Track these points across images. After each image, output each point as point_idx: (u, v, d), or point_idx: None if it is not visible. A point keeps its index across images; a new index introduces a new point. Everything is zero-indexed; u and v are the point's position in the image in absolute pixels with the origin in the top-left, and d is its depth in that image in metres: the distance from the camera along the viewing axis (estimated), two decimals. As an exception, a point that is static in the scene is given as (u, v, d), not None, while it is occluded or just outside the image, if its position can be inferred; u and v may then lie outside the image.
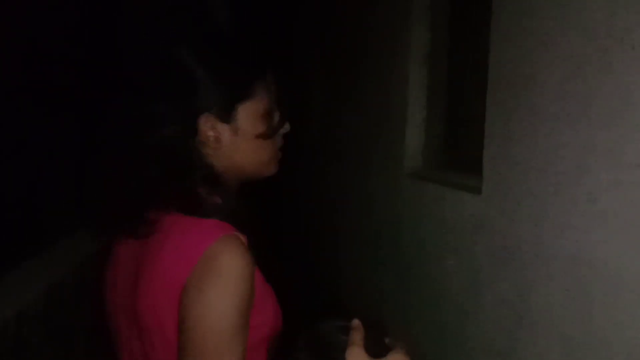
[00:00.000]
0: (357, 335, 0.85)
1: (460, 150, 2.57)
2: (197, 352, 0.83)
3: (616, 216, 1.43)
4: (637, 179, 1.38)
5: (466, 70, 2.52)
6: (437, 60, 2.68)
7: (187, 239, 0.89)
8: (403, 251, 2.70)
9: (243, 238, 0.90)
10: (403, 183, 2.74)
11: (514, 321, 1.84)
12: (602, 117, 1.48)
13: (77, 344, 2.31)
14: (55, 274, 2.20)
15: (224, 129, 0.94)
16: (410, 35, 2.67)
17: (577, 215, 1.56)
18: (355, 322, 0.87)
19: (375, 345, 0.85)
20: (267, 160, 1.00)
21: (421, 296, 2.50)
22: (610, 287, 1.45)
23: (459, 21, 2.57)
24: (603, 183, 1.47)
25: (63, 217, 2.98)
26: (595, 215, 1.50)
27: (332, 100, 3.88)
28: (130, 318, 0.96)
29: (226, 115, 0.94)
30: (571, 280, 1.59)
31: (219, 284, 0.85)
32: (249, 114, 0.95)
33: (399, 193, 2.77)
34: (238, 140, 0.95)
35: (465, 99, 2.53)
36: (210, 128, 0.93)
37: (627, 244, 1.40)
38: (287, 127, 1.02)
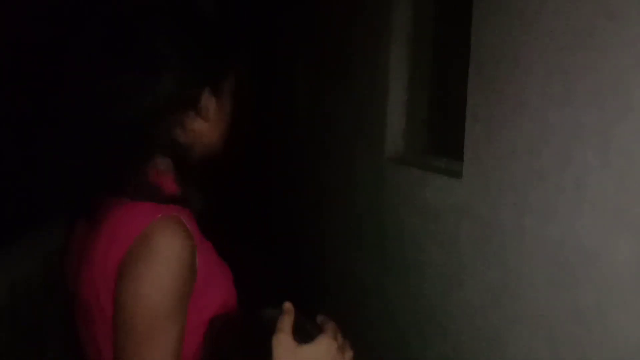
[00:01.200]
0: (286, 321, 0.81)
1: (443, 134, 2.51)
2: (130, 333, 0.82)
3: (603, 202, 1.39)
4: (625, 163, 1.33)
5: (449, 53, 2.45)
6: (419, 42, 2.60)
7: (125, 221, 0.86)
8: (385, 235, 2.65)
9: (187, 219, 0.87)
10: (385, 167, 2.68)
11: (497, 307, 1.81)
12: (589, 99, 1.42)
13: (49, 338, 2.24)
14: (22, 267, 2.11)
15: (212, 103, 0.91)
16: (392, 18, 2.59)
17: (563, 201, 1.51)
18: (287, 305, 0.83)
19: (303, 330, 0.82)
20: (224, 138, 0.97)
21: (403, 281, 2.45)
22: (597, 274, 1.41)
23: (442, 3, 2.49)
24: (590, 168, 1.42)
25: (31, 208, 2.89)
26: (581, 201, 1.45)
27: (316, 87, 3.79)
28: (79, 303, 0.96)
29: (218, 90, 0.92)
30: (556, 267, 1.55)
31: (151, 263, 0.82)
32: (228, 90, 0.94)
33: (381, 178, 2.71)
34: (218, 116, 0.93)
35: (448, 82, 2.47)
36: (207, 101, 0.91)
37: (614, 230, 1.35)
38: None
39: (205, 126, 0.91)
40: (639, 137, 1.29)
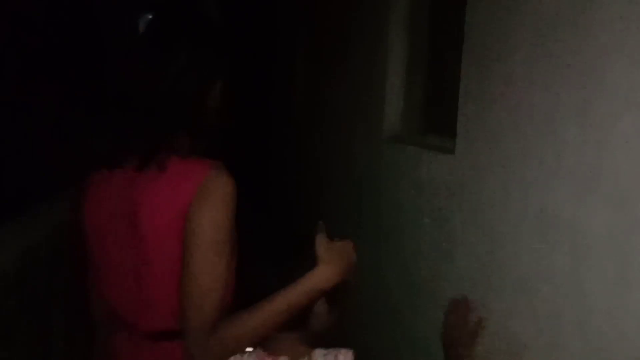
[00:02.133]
0: (322, 226, 1.20)
1: (439, 114, 2.60)
2: (204, 253, 1.09)
3: (580, 174, 1.48)
4: (602, 136, 1.42)
5: (445, 36, 2.54)
6: (417, 25, 2.68)
7: (185, 173, 1.13)
8: (382, 213, 2.76)
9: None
10: (383, 147, 2.78)
11: (484, 277, 1.91)
12: (571, 77, 1.51)
13: (56, 307, 2.33)
14: (32, 236, 2.19)
15: (220, 89, 1.22)
16: (391, 2, 2.67)
17: (544, 173, 1.60)
18: (320, 222, 1.22)
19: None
20: (221, 116, 1.28)
21: (398, 256, 2.56)
22: (576, 243, 1.51)
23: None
24: (569, 142, 1.52)
25: (40, 180, 2.99)
26: (561, 173, 1.55)
27: (315, 69, 3.88)
28: (123, 242, 1.17)
29: (226, 82, 1.23)
30: (537, 237, 1.65)
31: (219, 201, 1.11)
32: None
33: (379, 157, 2.81)
34: (220, 99, 1.23)
35: (445, 63, 2.55)
36: (219, 86, 1.22)
37: (592, 201, 1.45)
38: None
39: (215, 104, 1.21)
40: (614, 112, 1.38)
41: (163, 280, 1.15)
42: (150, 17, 1.18)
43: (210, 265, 1.10)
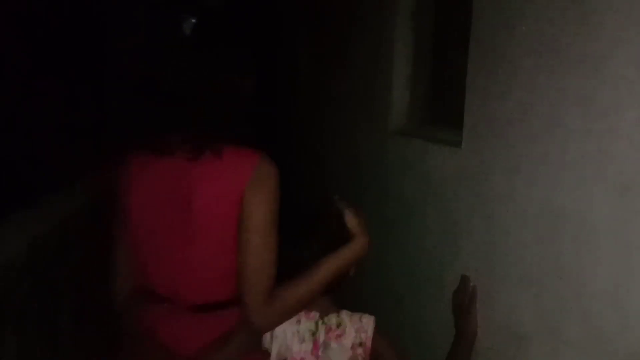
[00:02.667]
0: (344, 203, 1.55)
1: (446, 106, 2.61)
2: (259, 232, 1.26)
3: (584, 164, 1.48)
4: (606, 126, 1.42)
5: (452, 27, 2.54)
6: (423, 15, 2.68)
7: (241, 159, 1.32)
8: (387, 208, 2.77)
9: None
10: (388, 140, 2.78)
11: (488, 268, 1.92)
12: (577, 67, 1.51)
13: (63, 298, 2.36)
14: (40, 228, 2.22)
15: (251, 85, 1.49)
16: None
17: (548, 164, 1.61)
18: (336, 197, 1.55)
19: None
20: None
21: (402, 251, 2.57)
22: (581, 234, 1.52)
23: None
24: (574, 132, 1.52)
25: (48, 172, 3.02)
26: (565, 164, 1.55)
27: (318, 60, 3.88)
28: (173, 224, 1.31)
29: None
30: (542, 229, 1.66)
31: (270, 186, 1.31)
32: None
33: (384, 150, 2.82)
34: None
35: (452, 55, 2.55)
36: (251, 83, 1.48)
37: (597, 192, 1.45)
38: None
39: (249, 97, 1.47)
40: (619, 104, 1.38)
41: (209, 259, 1.32)
42: (194, 21, 1.31)
43: (266, 242, 1.29)
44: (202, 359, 1.30)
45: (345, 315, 1.46)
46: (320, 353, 1.40)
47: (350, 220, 1.44)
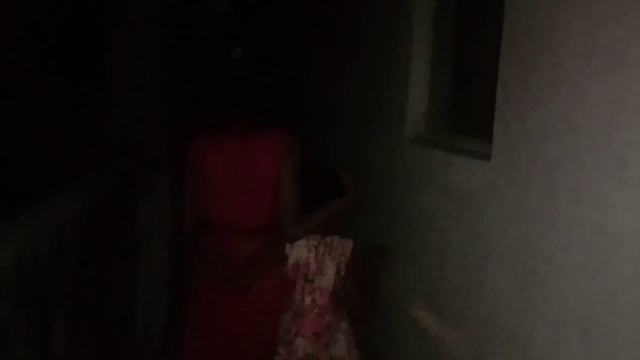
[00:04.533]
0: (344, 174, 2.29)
1: (468, 113, 2.40)
2: (294, 182, 2.06)
3: (648, 183, 1.28)
4: (674, 141, 1.22)
5: (475, 24, 2.33)
6: (443, 12, 2.48)
7: (275, 134, 2.14)
8: (403, 220, 2.56)
9: None
10: (404, 148, 2.58)
11: (524, 295, 1.71)
12: (635, 70, 1.31)
13: (55, 311, 2.17)
14: (29, 238, 2.03)
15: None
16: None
17: (602, 181, 1.40)
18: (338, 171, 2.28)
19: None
20: None
21: (422, 267, 2.36)
22: (637, 259, 1.31)
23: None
24: (633, 144, 1.31)
25: (39, 175, 2.84)
26: (623, 181, 1.34)
27: (328, 59, 3.67)
28: (238, 176, 2.10)
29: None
30: (592, 254, 1.45)
31: (294, 152, 2.13)
32: None
33: (399, 159, 2.61)
34: None
35: (474, 56, 2.35)
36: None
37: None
38: None
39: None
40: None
41: (256, 199, 2.11)
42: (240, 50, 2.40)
43: (294, 187, 2.09)
44: (250, 266, 2.10)
45: (336, 238, 2.18)
46: (320, 258, 2.14)
47: (347, 179, 2.22)
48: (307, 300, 2.10)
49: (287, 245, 2.12)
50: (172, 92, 3.26)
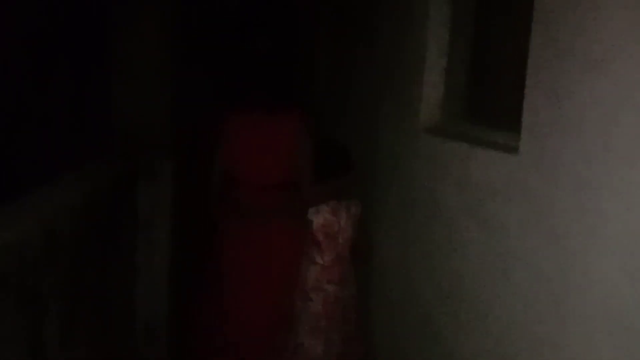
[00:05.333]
0: None
1: (487, 101, 2.25)
2: (310, 157, 2.51)
3: None
4: None
5: (496, 5, 2.18)
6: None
7: (296, 112, 2.63)
8: (416, 215, 2.42)
9: None
10: (419, 138, 2.43)
11: (552, 302, 1.58)
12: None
13: (48, 308, 2.04)
14: (18, 227, 1.88)
15: None
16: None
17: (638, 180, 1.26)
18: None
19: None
20: None
21: (439, 266, 2.23)
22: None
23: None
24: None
25: (31, 163, 2.72)
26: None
27: (339, 44, 3.51)
28: (262, 145, 2.58)
29: None
30: (629, 257, 1.31)
31: (309, 127, 2.61)
32: None
33: (414, 150, 2.46)
34: None
35: (495, 40, 2.19)
36: None
37: None
38: None
39: None
40: None
41: (279, 161, 2.59)
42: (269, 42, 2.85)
43: (311, 157, 2.52)
44: (272, 208, 2.59)
45: (352, 202, 2.56)
46: (340, 220, 2.53)
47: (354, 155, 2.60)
48: (332, 254, 2.54)
49: (310, 211, 2.52)
50: (180, 79, 3.12)
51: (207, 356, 2.73)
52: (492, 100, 2.26)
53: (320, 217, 2.51)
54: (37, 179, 2.39)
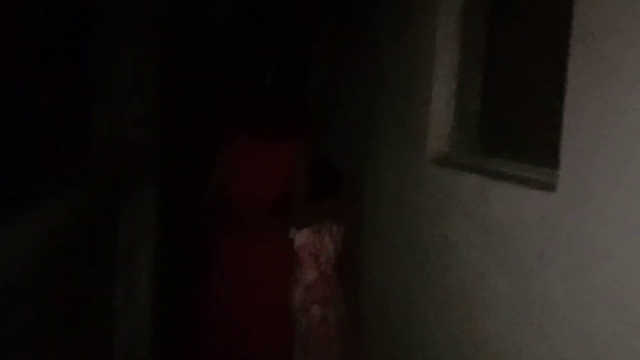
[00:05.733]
0: None
1: (504, 129, 2.01)
2: (301, 181, 2.61)
3: None
4: None
5: (512, 20, 1.96)
6: (474, 7, 2.10)
7: (290, 137, 2.70)
8: (424, 255, 2.16)
9: None
10: (425, 171, 2.18)
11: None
12: None
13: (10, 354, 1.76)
14: (11, 246, 1.63)
15: None
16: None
17: None
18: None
19: None
20: None
21: (453, 316, 1.95)
22: None
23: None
24: None
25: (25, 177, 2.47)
26: None
27: (334, 65, 3.27)
28: (255, 164, 2.68)
29: None
30: None
31: (304, 151, 2.69)
32: None
33: (419, 183, 2.21)
34: None
35: (513, 58, 1.97)
36: None
37: None
38: None
39: None
40: None
41: (274, 180, 2.65)
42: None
43: (305, 178, 2.59)
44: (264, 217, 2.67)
45: (334, 224, 2.63)
46: (323, 239, 2.58)
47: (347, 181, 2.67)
48: (315, 273, 2.57)
49: (292, 230, 2.57)
50: (168, 97, 2.90)
51: None
52: (508, 128, 2.02)
53: (301, 236, 2.57)
54: (6, 208, 2.14)
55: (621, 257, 1.28)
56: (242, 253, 2.64)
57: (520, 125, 1.94)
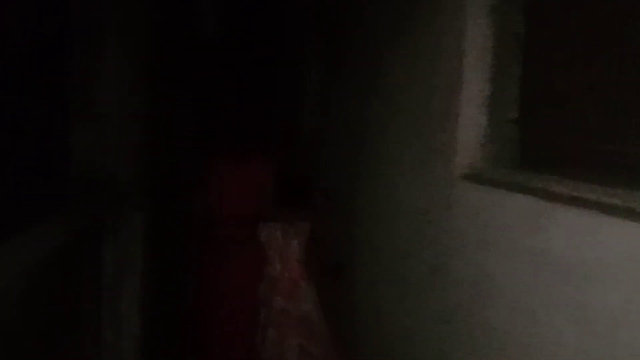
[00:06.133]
0: None
1: (550, 142, 1.73)
2: (270, 195, 3.10)
3: None
4: None
5: (554, 11, 1.68)
6: (506, 8, 1.83)
7: (269, 162, 3.21)
8: (449, 288, 1.87)
9: None
10: (455, 188, 1.89)
11: None
12: None
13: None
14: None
15: None
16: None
17: None
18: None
19: None
20: None
21: (485, 350, 1.65)
22: None
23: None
24: None
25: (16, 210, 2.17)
26: None
27: (349, 71, 3.00)
28: (236, 183, 3.09)
29: None
30: None
31: (274, 181, 3.16)
32: None
33: (447, 202, 1.92)
34: None
35: (560, 56, 1.68)
36: None
37: None
38: None
39: None
40: None
41: (253, 196, 2.96)
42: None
43: (271, 197, 3.00)
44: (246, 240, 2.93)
45: (298, 221, 2.86)
46: (286, 236, 2.85)
47: (318, 196, 2.98)
48: (278, 267, 2.76)
49: (260, 225, 2.82)
50: (152, 118, 2.71)
51: None
52: (554, 140, 1.74)
53: (265, 232, 2.86)
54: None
55: None
56: (230, 267, 2.92)
57: (571, 136, 1.65)
